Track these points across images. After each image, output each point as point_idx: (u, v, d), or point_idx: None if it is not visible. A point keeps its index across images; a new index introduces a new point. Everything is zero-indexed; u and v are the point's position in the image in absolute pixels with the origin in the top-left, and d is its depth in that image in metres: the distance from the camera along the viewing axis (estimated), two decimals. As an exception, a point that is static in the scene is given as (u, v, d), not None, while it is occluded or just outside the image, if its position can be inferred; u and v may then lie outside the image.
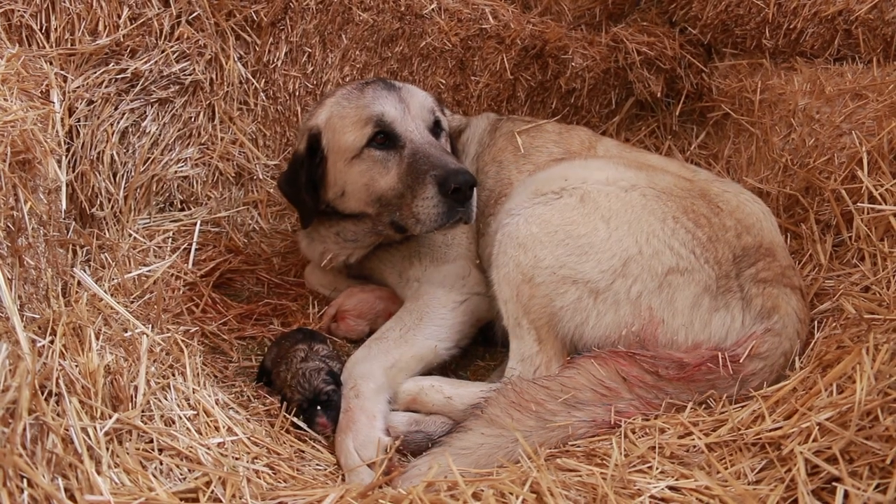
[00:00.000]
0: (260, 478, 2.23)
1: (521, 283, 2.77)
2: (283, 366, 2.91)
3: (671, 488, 2.06)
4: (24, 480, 1.73)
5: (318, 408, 2.79)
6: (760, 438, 2.22)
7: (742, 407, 2.44)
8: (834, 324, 2.75)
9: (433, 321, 3.10)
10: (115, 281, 3.16)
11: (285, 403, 2.83)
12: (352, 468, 2.54)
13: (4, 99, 2.74)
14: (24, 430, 1.81)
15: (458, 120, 3.85)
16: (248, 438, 2.44)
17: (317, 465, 2.55)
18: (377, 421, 2.71)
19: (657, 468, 2.18)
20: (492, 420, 2.46)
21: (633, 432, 2.40)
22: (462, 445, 2.43)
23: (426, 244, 3.41)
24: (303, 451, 2.62)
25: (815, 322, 2.85)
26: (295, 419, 2.77)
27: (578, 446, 2.39)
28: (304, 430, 2.74)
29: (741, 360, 2.51)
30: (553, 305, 2.71)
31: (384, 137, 3.17)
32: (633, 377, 2.50)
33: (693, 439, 2.31)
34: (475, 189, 3.02)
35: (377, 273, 3.60)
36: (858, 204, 2.99)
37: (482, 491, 1.93)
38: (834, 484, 1.92)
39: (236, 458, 2.27)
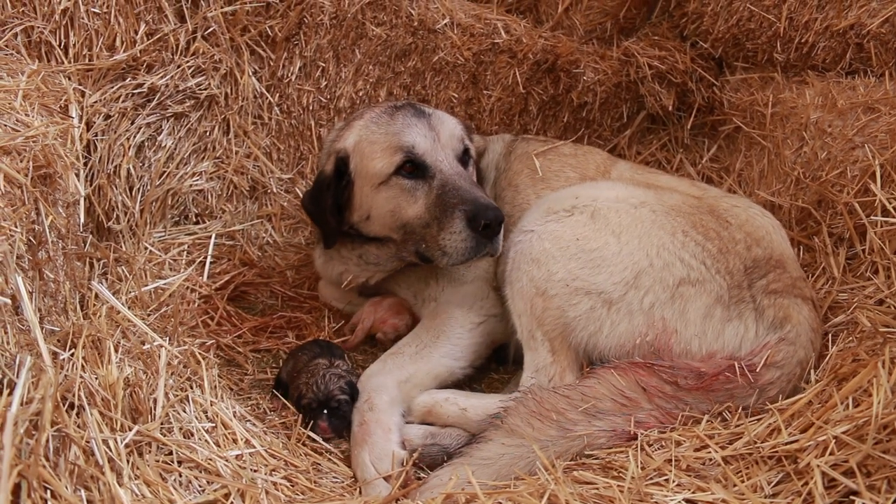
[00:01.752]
0: (278, 490, 2.24)
1: (535, 296, 2.81)
2: (302, 378, 2.93)
3: (688, 501, 2.07)
4: (48, 492, 1.74)
5: (325, 412, 2.81)
6: (777, 452, 2.23)
7: (758, 420, 2.45)
8: (849, 337, 2.75)
9: (450, 340, 3.12)
10: (132, 294, 3.19)
11: (296, 404, 2.86)
12: (368, 481, 2.54)
13: (26, 114, 2.78)
14: (48, 441, 1.83)
15: (478, 140, 3.84)
16: (266, 451, 2.45)
17: (334, 477, 2.57)
18: (393, 434, 2.72)
19: (674, 481, 2.19)
20: (512, 430, 2.48)
21: (650, 445, 2.41)
22: (483, 456, 2.44)
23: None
24: (320, 465, 2.63)
25: (830, 335, 2.85)
26: (307, 431, 2.79)
27: (595, 458, 2.40)
28: (321, 443, 2.75)
29: (758, 370, 2.54)
30: (566, 316, 2.75)
31: (413, 167, 3.16)
32: (653, 387, 2.52)
33: (709, 452, 2.32)
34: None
35: (391, 291, 3.62)
36: (872, 217, 2.99)
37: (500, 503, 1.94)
38: (851, 497, 1.93)
39: (254, 471, 2.29)
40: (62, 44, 3.63)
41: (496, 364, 3.43)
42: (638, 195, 2.99)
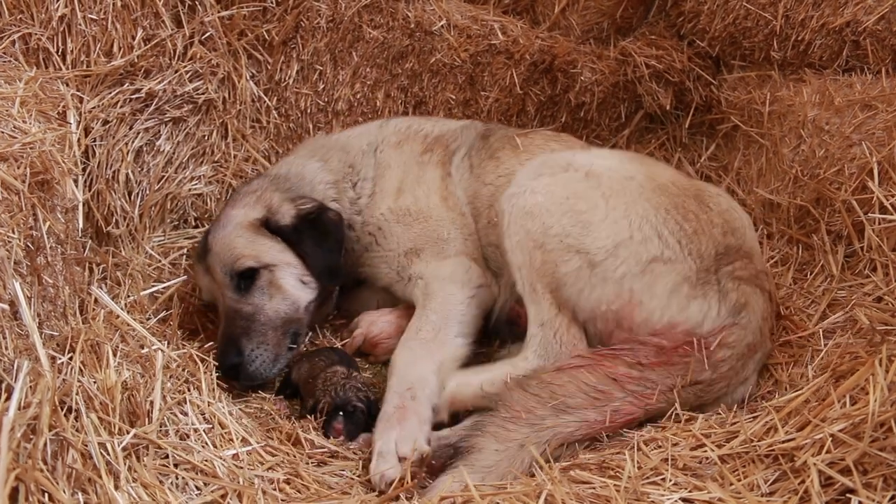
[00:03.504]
0: (276, 488, 2.25)
1: (533, 248, 2.87)
2: (318, 383, 2.93)
3: (684, 500, 2.07)
4: (46, 496, 1.75)
5: (341, 414, 2.82)
6: (773, 450, 2.23)
7: (754, 418, 2.45)
8: (845, 334, 2.75)
9: (456, 319, 3.18)
10: (132, 298, 3.19)
11: (312, 411, 2.87)
12: (385, 455, 2.54)
13: (24, 121, 2.79)
14: (45, 445, 1.84)
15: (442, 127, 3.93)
16: (263, 448, 2.46)
17: (332, 475, 2.56)
18: (426, 426, 2.72)
19: (670, 480, 2.19)
20: (496, 435, 2.52)
21: (646, 444, 2.41)
22: (484, 465, 2.46)
23: (422, 238, 3.47)
24: (318, 462, 2.63)
25: (821, 332, 2.87)
26: (309, 432, 2.79)
27: (592, 458, 2.40)
28: (321, 442, 2.76)
29: (712, 348, 2.65)
30: (559, 271, 2.82)
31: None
32: (622, 376, 2.61)
33: (706, 451, 2.32)
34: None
35: (371, 278, 3.66)
36: (869, 214, 2.99)
37: (497, 504, 1.94)
38: (848, 495, 1.92)
39: (252, 470, 2.29)
40: (60, 50, 3.63)
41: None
42: (630, 168, 3.08)
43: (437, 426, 2.81)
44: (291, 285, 3.31)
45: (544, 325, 2.83)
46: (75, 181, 3.02)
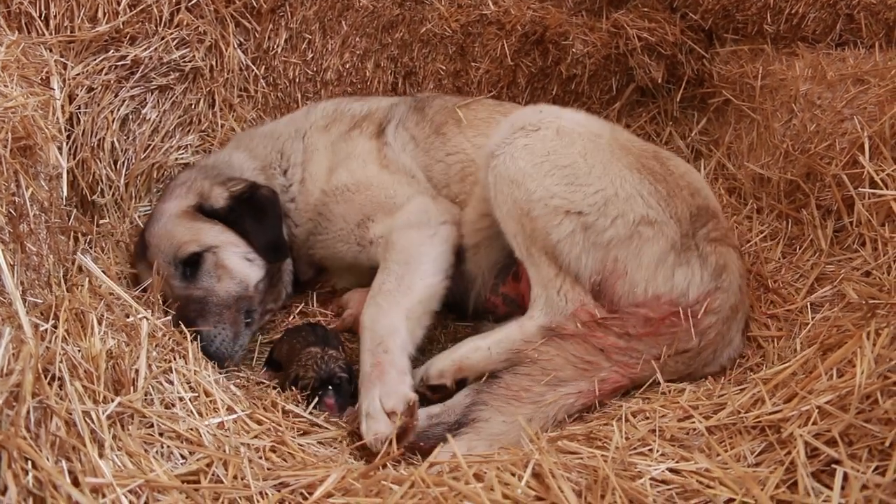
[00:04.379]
0: (262, 457, 2.24)
1: (522, 216, 2.87)
2: (300, 361, 2.91)
3: (671, 470, 2.07)
4: (29, 463, 1.73)
5: (330, 388, 2.81)
6: (760, 421, 2.23)
7: (742, 390, 2.46)
8: (833, 308, 2.76)
9: (419, 260, 3.12)
10: (117, 268, 3.17)
11: (293, 384, 2.85)
12: (373, 414, 2.53)
13: (4, 85, 2.74)
14: (28, 413, 1.82)
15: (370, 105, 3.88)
16: (249, 416, 2.44)
17: (319, 443, 2.56)
18: (407, 377, 2.71)
19: (657, 451, 2.19)
20: (501, 410, 2.56)
21: (634, 415, 2.42)
22: (492, 433, 2.51)
23: (369, 206, 3.42)
24: (304, 430, 2.62)
25: (809, 305, 2.89)
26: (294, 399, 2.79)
27: (579, 429, 2.41)
28: (305, 410, 2.75)
29: (699, 316, 2.70)
30: (551, 238, 2.81)
31: None
32: (609, 346, 2.67)
33: (693, 422, 2.33)
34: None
35: (330, 260, 3.63)
36: (859, 189, 2.99)
37: (485, 473, 1.94)
38: (833, 466, 1.93)
39: (237, 437, 2.28)
40: (42, 15, 3.58)
41: (455, 318, 3.53)
42: (596, 126, 3.11)
43: (444, 396, 2.83)
44: (237, 264, 3.29)
45: (547, 286, 2.83)
46: (59, 148, 2.98)
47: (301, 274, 3.73)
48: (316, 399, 2.80)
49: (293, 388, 2.85)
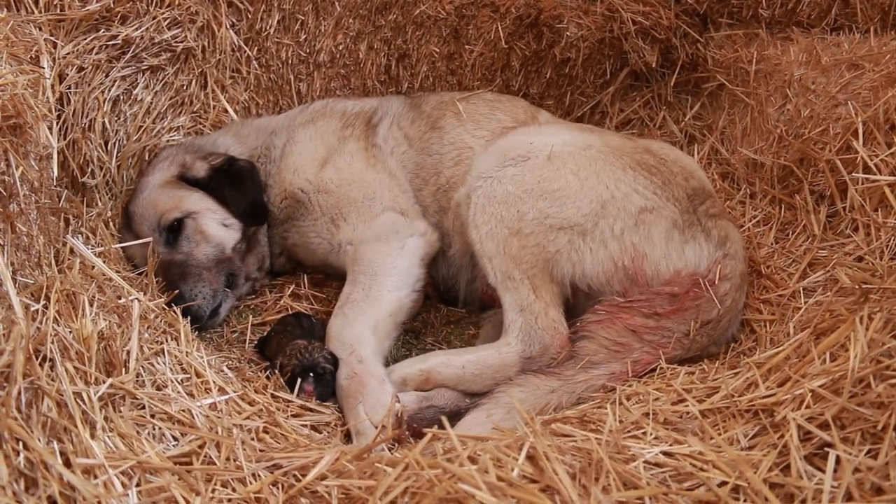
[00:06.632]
0: (254, 438, 2.23)
1: (509, 236, 2.90)
2: (285, 352, 2.90)
3: (665, 454, 2.07)
4: (20, 444, 1.72)
5: (311, 375, 2.80)
6: (754, 405, 2.24)
7: (735, 374, 2.47)
8: (826, 293, 2.76)
9: (386, 273, 3.18)
10: (108, 248, 3.14)
11: (277, 371, 2.84)
12: (363, 431, 2.55)
13: (-7, 63, 2.70)
14: (19, 393, 1.81)
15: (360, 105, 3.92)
16: (241, 398, 2.44)
17: (312, 425, 2.56)
18: (387, 384, 2.73)
19: (651, 434, 2.20)
20: (523, 384, 2.64)
21: (628, 399, 2.43)
22: (507, 402, 2.55)
23: (345, 203, 3.47)
24: (297, 413, 2.62)
25: (802, 290, 2.90)
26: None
27: (572, 413, 2.42)
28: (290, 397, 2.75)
29: (716, 282, 2.80)
30: (547, 251, 2.86)
31: None
32: (640, 326, 2.73)
33: (687, 406, 2.34)
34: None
35: (302, 251, 3.65)
36: (853, 174, 2.99)
37: (479, 455, 1.93)
38: (826, 450, 1.93)
39: (230, 419, 2.27)
40: (32, -7, 3.52)
41: (445, 305, 3.57)
42: (583, 138, 3.17)
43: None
44: (214, 229, 3.42)
45: (524, 311, 2.84)
46: (49, 128, 2.95)
47: (275, 261, 3.78)
48: (297, 386, 2.79)
49: (276, 373, 2.85)
